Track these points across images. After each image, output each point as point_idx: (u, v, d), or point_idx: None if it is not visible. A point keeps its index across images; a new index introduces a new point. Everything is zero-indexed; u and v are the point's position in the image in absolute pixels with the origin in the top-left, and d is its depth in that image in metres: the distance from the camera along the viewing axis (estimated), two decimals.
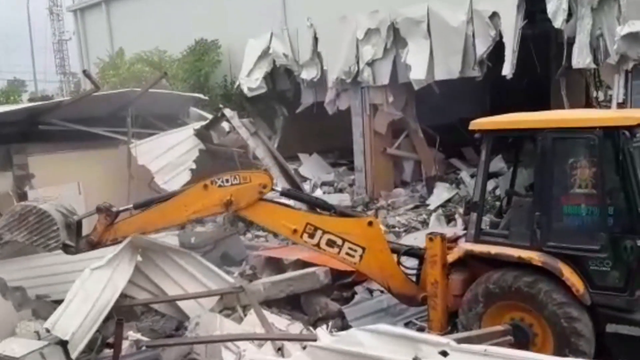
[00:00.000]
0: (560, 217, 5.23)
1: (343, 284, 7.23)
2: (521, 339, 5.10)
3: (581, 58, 9.27)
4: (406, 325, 6.64)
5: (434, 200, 11.92)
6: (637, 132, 4.90)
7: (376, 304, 6.89)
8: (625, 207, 4.90)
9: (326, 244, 5.92)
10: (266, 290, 6.82)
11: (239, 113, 11.34)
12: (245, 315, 6.31)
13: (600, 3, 9.08)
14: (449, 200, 11.80)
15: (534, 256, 5.11)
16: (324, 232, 5.91)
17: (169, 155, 9.78)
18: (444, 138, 13.65)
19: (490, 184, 11.29)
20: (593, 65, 9.34)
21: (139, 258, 6.63)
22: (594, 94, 16.09)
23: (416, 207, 12.06)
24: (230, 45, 14.97)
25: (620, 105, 9.10)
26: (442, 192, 12.13)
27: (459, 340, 3.97)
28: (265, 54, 13.92)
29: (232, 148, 9.74)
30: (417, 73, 11.19)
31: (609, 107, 10.50)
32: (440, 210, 11.37)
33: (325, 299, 6.88)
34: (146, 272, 6.73)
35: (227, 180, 6.08)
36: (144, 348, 5.29)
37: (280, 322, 6.22)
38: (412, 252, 6.29)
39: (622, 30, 8.53)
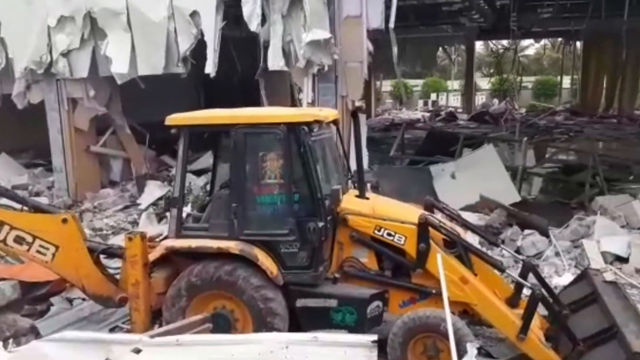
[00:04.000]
0: (254, 207, 5.56)
1: (36, 296, 6.49)
2: (223, 326, 5.32)
3: (275, 61, 10.07)
4: (112, 330, 6.33)
5: (145, 199, 11.62)
6: (314, 128, 5.52)
7: (76, 313, 6.40)
8: (308, 194, 5.45)
9: (14, 240, 5.45)
10: None
11: None
12: None
13: (289, 11, 9.98)
14: (160, 199, 11.62)
15: (232, 245, 5.34)
16: (12, 227, 5.42)
17: None
18: (155, 135, 13.38)
19: (202, 180, 11.55)
20: (286, 68, 10.21)
21: None
22: (298, 95, 17.77)
23: (126, 207, 11.60)
24: None
25: (310, 106, 10.18)
26: (153, 191, 11.89)
27: (155, 335, 3.92)
28: None
29: None
30: (119, 67, 10.71)
31: None
32: (151, 209, 11.13)
33: (13, 316, 6.05)
34: None
35: None
36: None
37: None
38: (110, 251, 5.99)
39: (307, 37, 9.54)
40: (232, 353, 3.75)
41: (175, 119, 5.60)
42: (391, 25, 9.62)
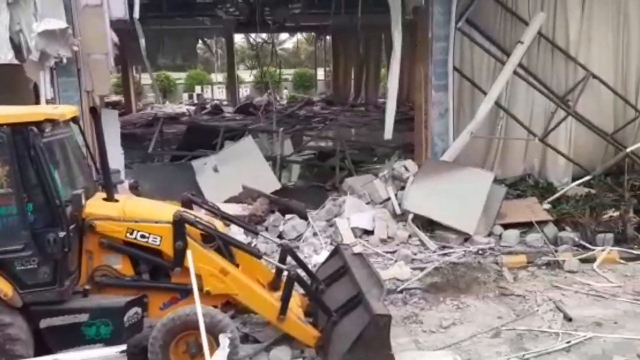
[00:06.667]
0: None
1: None
2: None
3: (2, 53, 8.81)
4: None
5: None
6: (45, 128, 4.96)
7: None
8: (44, 202, 4.91)
9: None
10: None
11: None
12: None
13: None
14: None
15: None
16: None
17: None
18: None
19: None
20: (16, 61, 9.01)
21: None
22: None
23: None
24: None
25: (50, 102, 9.19)
26: None
27: None
28: None
29: None
30: None
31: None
32: None
33: None
34: None
35: None
36: None
37: None
38: None
39: (39, 27, 8.55)
40: None
41: None
42: (136, 15, 9.18)
